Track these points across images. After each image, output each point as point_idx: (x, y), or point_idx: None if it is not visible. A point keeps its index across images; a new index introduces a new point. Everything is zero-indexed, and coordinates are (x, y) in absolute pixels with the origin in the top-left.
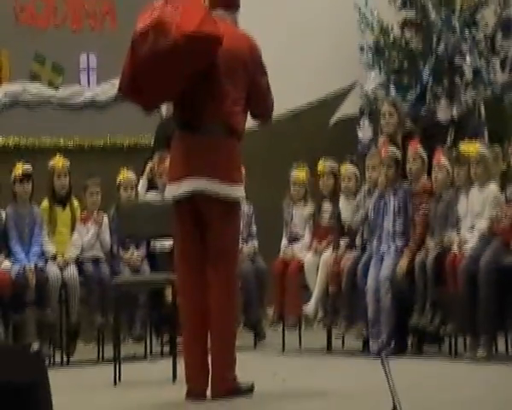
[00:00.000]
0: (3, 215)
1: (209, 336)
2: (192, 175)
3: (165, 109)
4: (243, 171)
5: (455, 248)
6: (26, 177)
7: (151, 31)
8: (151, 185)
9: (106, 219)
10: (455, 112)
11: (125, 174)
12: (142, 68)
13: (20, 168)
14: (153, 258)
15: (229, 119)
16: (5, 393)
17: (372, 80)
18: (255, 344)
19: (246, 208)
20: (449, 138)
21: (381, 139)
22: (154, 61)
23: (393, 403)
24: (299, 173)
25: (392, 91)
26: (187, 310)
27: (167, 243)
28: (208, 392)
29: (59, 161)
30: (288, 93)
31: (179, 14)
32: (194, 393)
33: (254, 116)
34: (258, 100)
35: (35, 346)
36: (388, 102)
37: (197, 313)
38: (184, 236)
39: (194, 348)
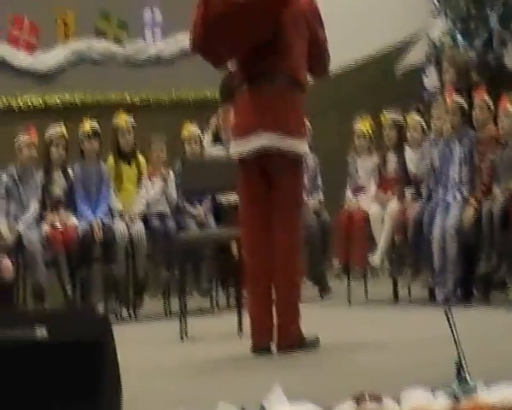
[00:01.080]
0: (71, 172)
1: (274, 290)
2: (261, 130)
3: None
4: (308, 124)
5: None
6: (93, 134)
7: None
8: (216, 139)
9: (171, 174)
10: None
11: (189, 129)
12: (216, 25)
13: (88, 125)
14: (218, 212)
15: (295, 72)
16: (72, 352)
17: (438, 27)
18: (321, 296)
19: (311, 161)
20: None
21: (447, 88)
22: (227, 17)
23: (458, 355)
24: (362, 125)
25: (459, 38)
26: (252, 266)
27: (232, 198)
28: (273, 346)
29: (122, 119)
30: (355, 43)
31: None
32: (260, 347)
33: (312, 70)
34: (318, 53)
35: (100, 306)
36: (446, 59)
37: (262, 269)
38: (250, 193)
39: (259, 303)
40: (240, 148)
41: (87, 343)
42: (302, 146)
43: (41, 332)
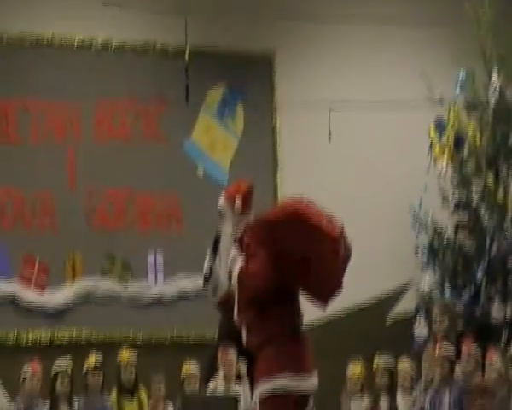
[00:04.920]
0: (76, 407)
1: None
2: (314, 370)
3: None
4: None
5: None
6: (97, 368)
7: (343, 236)
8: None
9: (171, 408)
10: (509, 312)
11: (188, 368)
12: (342, 272)
13: (93, 359)
14: None
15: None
16: None
17: (427, 280)
18: None
19: None
20: (503, 338)
21: (435, 339)
22: (344, 266)
23: None
24: (355, 369)
25: (447, 291)
26: None
27: None
28: None
29: (125, 356)
30: (346, 291)
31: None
32: None
33: None
34: None
35: None
36: (439, 308)
37: None
38: None
39: None
40: (303, 384)
41: None
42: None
43: None
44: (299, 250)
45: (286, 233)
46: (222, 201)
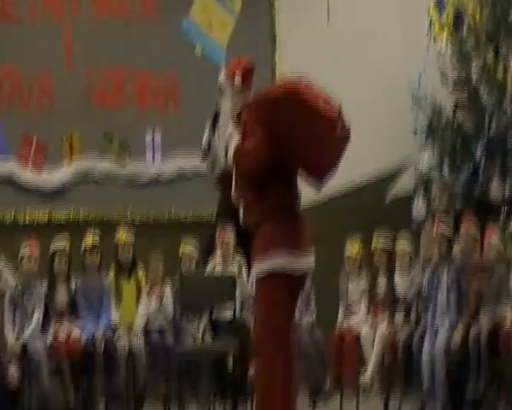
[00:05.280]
0: (73, 286)
1: None
2: (310, 250)
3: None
4: None
5: (508, 323)
6: (94, 248)
7: (340, 117)
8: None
9: (168, 291)
10: (507, 190)
11: (185, 247)
12: (339, 152)
13: (90, 239)
14: (215, 327)
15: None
16: None
17: (426, 160)
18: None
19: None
20: (501, 217)
21: (433, 218)
22: (341, 144)
23: None
24: (352, 248)
25: (446, 171)
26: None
27: (228, 313)
28: None
29: (122, 235)
30: (344, 170)
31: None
32: None
33: None
34: None
35: None
36: (438, 186)
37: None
38: (292, 311)
39: None
40: (297, 263)
41: None
42: None
43: None
44: (295, 129)
45: (283, 112)
46: (222, 76)
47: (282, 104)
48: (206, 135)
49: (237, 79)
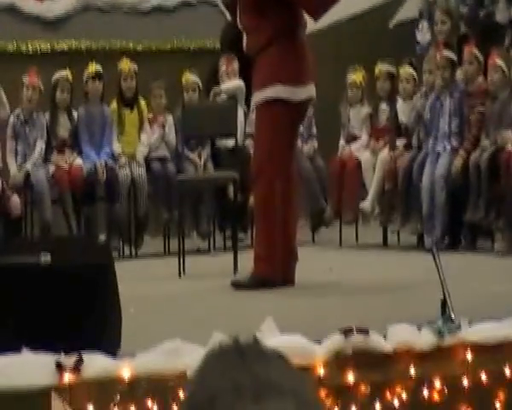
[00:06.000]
0: (75, 115)
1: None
2: (310, 79)
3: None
4: None
5: (509, 146)
6: (97, 76)
7: None
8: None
9: (171, 120)
10: None
11: (188, 77)
12: None
13: (93, 67)
14: (217, 157)
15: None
16: (76, 276)
17: None
18: (313, 239)
19: None
20: (506, 40)
21: (437, 43)
22: None
23: (443, 295)
24: (355, 76)
25: None
26: (283, 207)
27: (230, 142)
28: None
29: (125, 64)
30: None
31: None
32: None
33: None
34: None
35: (102, 237)
36: (441, 10)
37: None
38: (291, 137)
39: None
40: (295, 93)
41: (88, 266)
42: None
43: (45, 258)
44: None
45: None
46: None
47: None
48: None
49: None
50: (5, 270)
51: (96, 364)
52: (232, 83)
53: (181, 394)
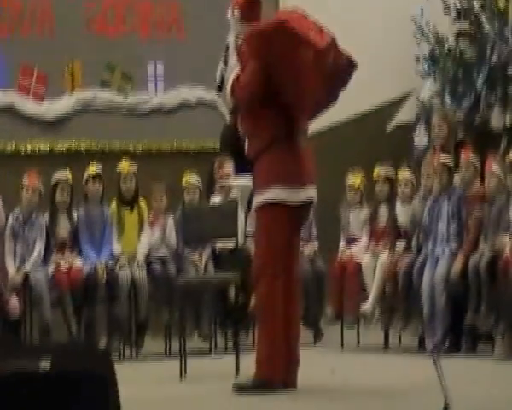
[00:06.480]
0: (75, 216)
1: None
2: (309, 182)
3: (228, 114)
4: None
5: (507, 252)
6: (97, 177)
7: (332, 49)
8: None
9: (171, 221)
10: (508, 120)
11: (188, 178)
12: (326, 81)
13: (93, 168)
14: (217, 257)
15: (307, 127)
16: (75, 384)
17: (427, 89)
18: (314, 341)
19: None
20: (502, 146)
21: (434, 148)
22: (333, 76)
23: (445, 402)
24: (354, 179)
25: (447, 100)
26: (284, 310)
27: (230, 244)
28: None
29: (125, 165)
30: (346, 100)
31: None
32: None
33: None
34: None
35: (103, 340)
36: (438, 115)
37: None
38: (290, 240)
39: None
40: (294, 195)
41: (89, 376)
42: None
43: (44, 364)
44: (284, 59)
45: (273, 43)
46: (229, 10)
47: (272, 35)
48: (219, 69)
49: (235, 11)
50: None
51: None
52: (242, 181)
53: None
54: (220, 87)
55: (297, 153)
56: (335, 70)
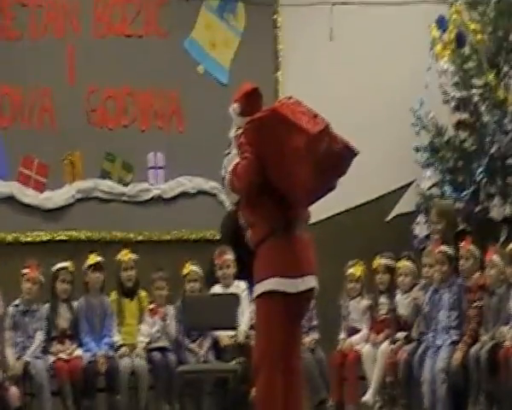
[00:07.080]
0: (76, 306)
1: None
2: (310, 272)
3: (229, 203)
4: None
5: (507, 342)
6: (98, 267)
7: (326, 135)
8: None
9: (172, 311)
10: (508, 211)
11: (189, 267)
12: (320, 168)
13: (93, 258)
14: (218, 347)
15: (307, 214)
16: None
17: (427, 179)
18: None
19: None
20: (502, 236)
21: (434, 239)
22: (328, 163)
23: None
24: (354, 270)
25: (447, 190)
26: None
27: (230, 334)
28: None
29: (125, 255)
30: (346, 191)
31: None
32: None
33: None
34: None
35: None
36: (435, 211)
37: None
38: (289, 331)
39: None
40: (293, 285)
41: None
42: None
43: None
44: (277, 147)
45: (267, 131)
46: (231, 105)
47: (264, 122)
48: (224, 161)
49: (233, 106)
50: None
51: None
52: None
53: None
54: (224, 180)
55: (296, 243)
56: (330, 156)
